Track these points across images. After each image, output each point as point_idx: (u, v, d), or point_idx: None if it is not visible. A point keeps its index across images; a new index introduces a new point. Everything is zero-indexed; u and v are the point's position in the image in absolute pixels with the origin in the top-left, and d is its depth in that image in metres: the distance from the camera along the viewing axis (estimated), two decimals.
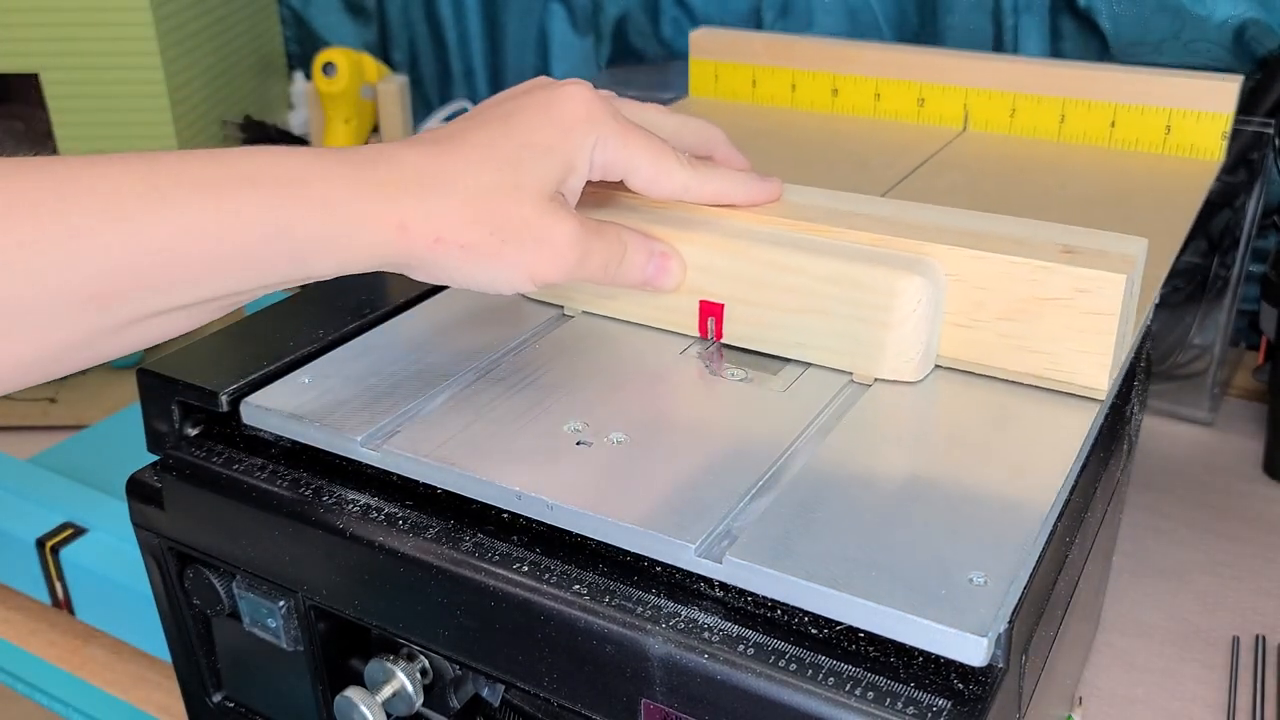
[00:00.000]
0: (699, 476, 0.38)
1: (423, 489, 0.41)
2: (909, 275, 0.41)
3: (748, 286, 0.45)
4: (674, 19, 1.03)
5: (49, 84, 1.02)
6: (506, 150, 0.40)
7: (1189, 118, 0.64)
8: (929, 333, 0.43)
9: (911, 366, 0.43)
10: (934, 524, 0.35)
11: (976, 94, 0.69)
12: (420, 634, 0.40)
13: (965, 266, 0.42)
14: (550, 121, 0.41)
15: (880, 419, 0.42)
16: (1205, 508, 0.71)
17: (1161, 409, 0.80)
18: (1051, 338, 0.41)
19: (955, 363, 0.44)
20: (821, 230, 0.45)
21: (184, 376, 0.45)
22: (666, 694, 0.34)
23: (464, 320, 0.50)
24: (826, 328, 0.43)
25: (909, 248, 0.43)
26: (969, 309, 0.43)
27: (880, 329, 0.42)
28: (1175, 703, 0.56)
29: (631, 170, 0.43)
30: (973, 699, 0.32)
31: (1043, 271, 0.41)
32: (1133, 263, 0.41)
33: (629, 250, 0.43)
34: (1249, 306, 0.83)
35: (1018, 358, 0.42)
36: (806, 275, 0.43)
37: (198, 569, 0.46)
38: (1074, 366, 0.41)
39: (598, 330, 0.48)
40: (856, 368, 0.44)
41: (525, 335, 0.48)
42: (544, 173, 0.40)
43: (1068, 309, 0.41)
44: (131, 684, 0.62)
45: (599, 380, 0.44)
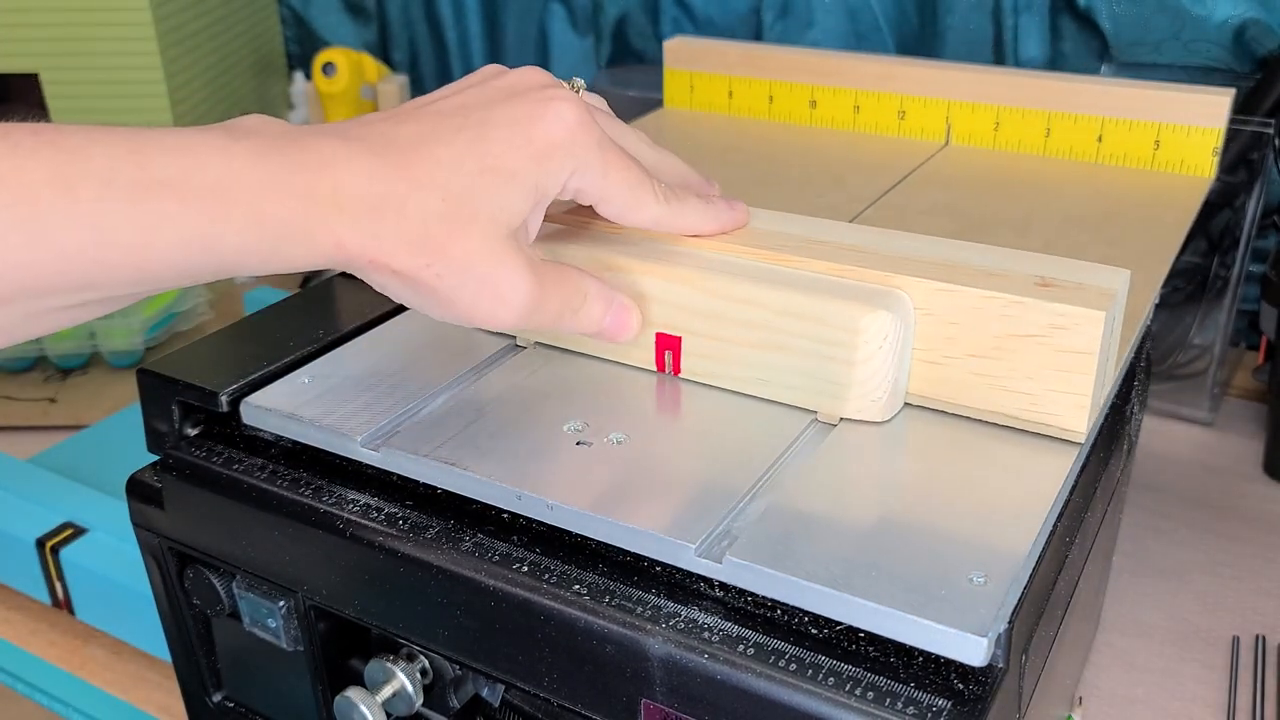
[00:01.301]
0: (699, 476, 0.38)
1: (423, 489, 0.41)
2: (874, 310, 0.39)
3: (705, 320, 0.42)
4: (674, 19, 1.03)
5: (49, 84, 1.02)
6: (467, 173, 0.36)
7: (1179, 132, 0.62)
8: (896, 370, 0.40)
9: (878, 406, 0.40)
10: (934, 524, 0.35)
11: (959, 107, 0.68)
12: (420, 634, 0.40)
13: (935, 300, 0.40)
14: (528, 142, 0.38)
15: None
16: (1205, 508, 0.71)
17: (1161, 409, 0.80)
18: (1027, 376, 0.39)
19: (926, 401, 0.42)
20: (784, 259, 0.42)
21: (184, 376, 0.45)
22: (666, 694, 0.34)
23: None
24: (787, 364, 0.41)
25: (876, 279, 0.41)
26: (940, 345, 0.40)
27: (844, 366, 0.40)
28: (1175, 703, 0.56)
29: (605, 200, 0.41)
30: (973, 699, 0.32)
31: (1017, 306, 0.38)
32: (1112, 297, 0.38)
33: (588, 299, 0.41)
34: (1249, 306, 0.83)
35: (991, 397, 0.40)
36: (766, 308, 0.41)
37: (198, 569, 0.46)
38: (1051, 407, 0.39)
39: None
40: (820, 406, 0.41)
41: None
42: (504, 203, 0.37)
43: (1044, 346, 0.38)
44: (131, 684, 0.62)
45: (599, 380, 0.44)
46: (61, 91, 1.02)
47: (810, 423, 0.41)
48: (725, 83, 0.75)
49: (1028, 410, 0.40)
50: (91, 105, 1.03)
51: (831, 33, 0.95)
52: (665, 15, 1.03)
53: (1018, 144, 0.66)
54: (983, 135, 0.67)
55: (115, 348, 0.93)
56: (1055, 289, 0.39)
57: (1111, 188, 0.61)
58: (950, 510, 0.36)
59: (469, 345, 0.47)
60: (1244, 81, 0.77)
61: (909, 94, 0.69)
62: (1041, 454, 0.39)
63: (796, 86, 0.72)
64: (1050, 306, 0.38)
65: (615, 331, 0.42)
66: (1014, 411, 0.40)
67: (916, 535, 0.35)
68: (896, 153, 0.67)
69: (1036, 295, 0.38)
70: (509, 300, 0.37)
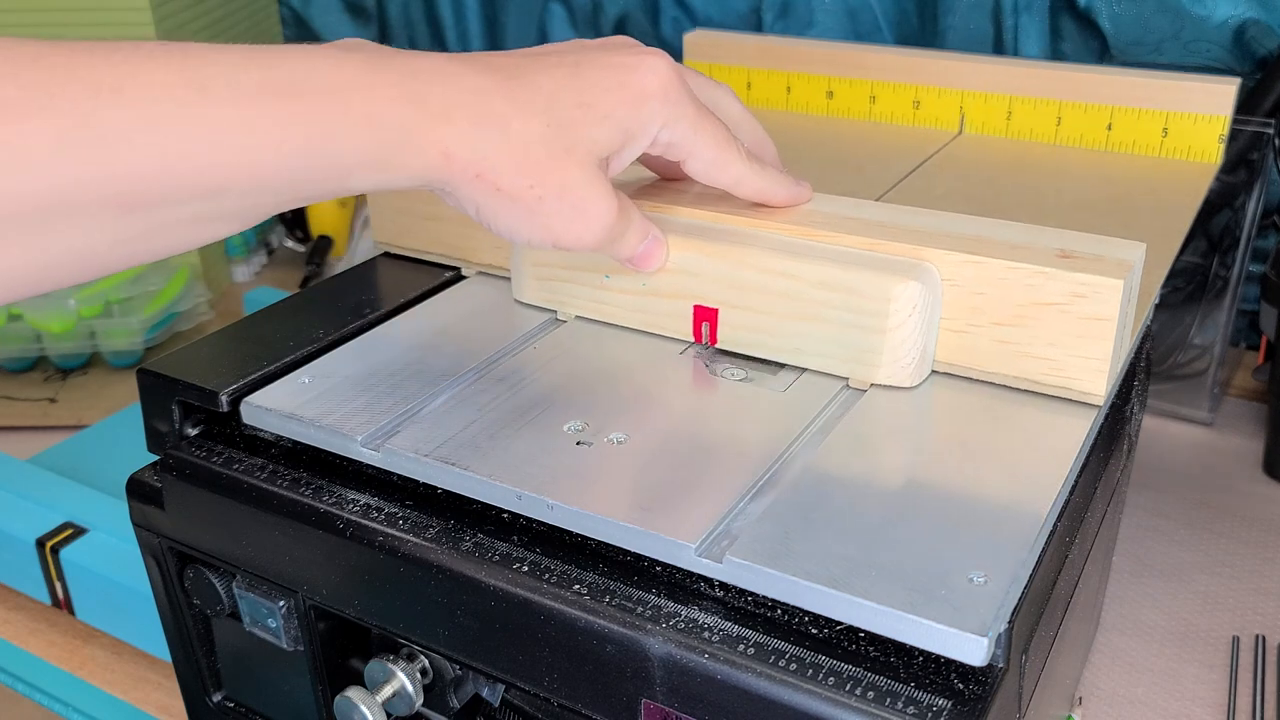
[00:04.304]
0: (699, 476, 0.38)
1: (423, 489, 0.41)
2: (904, 280, 0.41)
3: (742, 291, 0.44)
4: (674, 19, 1.03)
5: None
6: (566, 104, 0.38)
7: (1186, 120, 0.64)
8: (925, 338, 0.42)
9: (907, 372, 0.43)
10: (934, 524, 0.35)
11: (972, 96, 0.69)
12: (420, 634, 0.40)
13: (961, 271, 0.42)
14: (621, 86, 0.39)
15: (876, 424, 0.41)
16: (1205, 508, 0.71)
17: (1161, 409, 0.80)
18: (1049, 343, 0.41)
19: (952, 368, 0.44)
20: (817, 235, 0.44)
21: (184, 376, 0.45)
22: (666, 694, 0.34)
23: (464, 320, 0.50)
24: (821, 333, 0.43)
25: (905, 252, 0.43)
26: (965, 314, 0.42)
27: (875, 334, 0.42)
28: (1175, 703, 0.56)
29: (694, 155, 0.43)
30: (973, 699, 0.32)
31: (1040, 276, 0.40)
32: (1130, 267, 0.40)
33: (631, 227, 0.42)
34: (1249, 306, 0.83)
35: (1015, 363, 0.42)
36: (801, 280, 0.43)
37: (198, 569, 0.46)
38: (1072, 372, 0.41)
39: (597, 331, 0.48)
40: (852, 373, 0.43)
41: (525, 335, 0.48)
42: (597, 137, 0.39)
43: (1065, 314, 0.40)
44: (131, 684, 0.62)
45: (599, 380, 0.44)
46: None
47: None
48: (744, 74, 0.76)
49: (1049, 375, 0.42)
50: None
51: (831, 33, 0.95)
52: (665, 15, 1.03)
53: (1029, 133, 0.68)
54: (995, 124, 0.69)
55: (115, 348, 0.93)
56: (1076, 260, 0.41)
57: (1121, 174, 0.63)
58: (956, 502, 0.36)
59: (469, 345, 0.47)
60: (1244, 82, 0.77)
61: (923, 84, 0.70)
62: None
63: (813, 78, 0.74)
64: (1072, 276, 0.40)
65: (644, 260, 0.44)
66: (1036, 376, 0.42)
67: (918, 533, 0.35)
68: (912, 141, 0.69)
69: (1058, 265, 0.40)
70: (595, 224, 0.40)
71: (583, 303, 0.49)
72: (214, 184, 0.32)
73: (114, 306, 0.93)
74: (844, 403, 0.43)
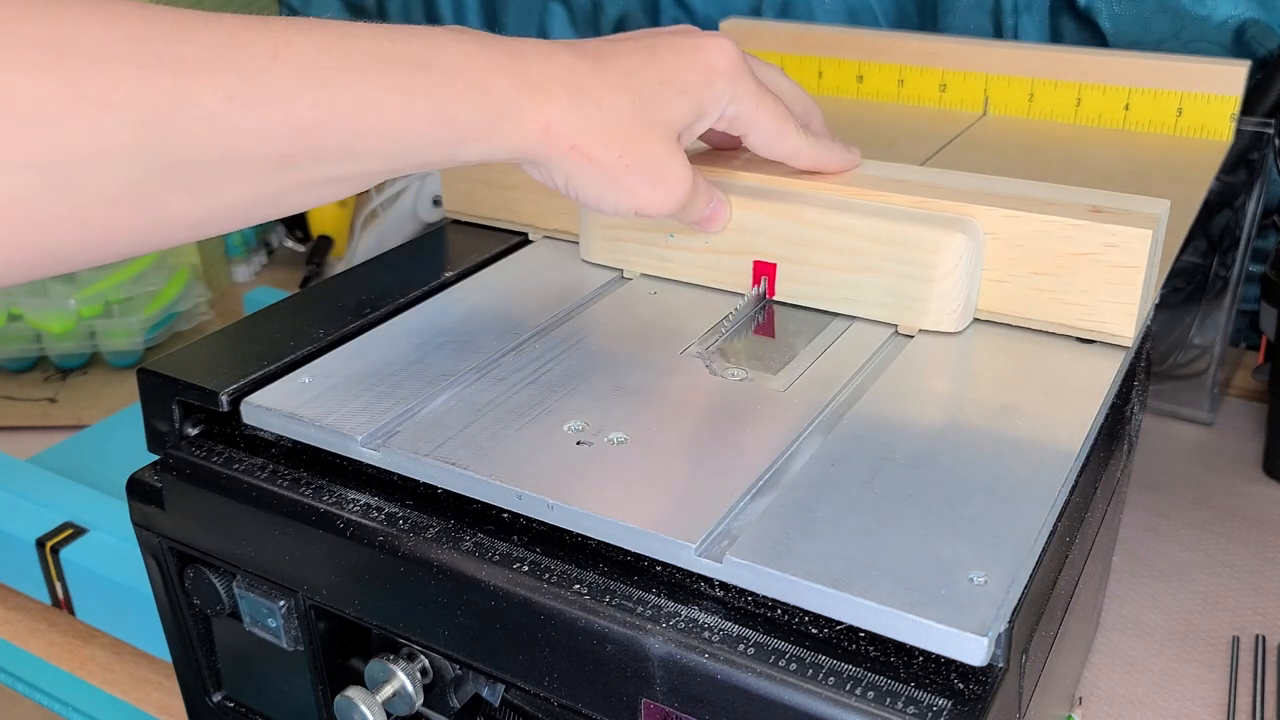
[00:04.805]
0: (699, 476, 0.38)
1: (423, 489, 0.41)
2: (951, 233, 0.45)
3: (800, 246, 0.48)
4: (674, 19, 1.03)
5: None
6: (648, 82, 0.42)
7: (1199, 100, 0.67)
8: (969, 286, 0.46)
9: (953, 318, 0.46)
10: (934, 523, 0.35)
11: (996, 80, 0.72)
12: (420, 634, 0.40)
13: (1002, 225, 0.45)
14: (694, 65, 0.43)
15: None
16: (1205, 508, 0.71)
17: (1161, 409, 0.80)
18: (1082, 290, 0.45)
19: (993, 315, 0.47)
20: (868, 194, 0.48)
21: (184, 376, 0.45)
22: (666, 694, 0.34)
23: (464, 320, 0.50)
24: (874, 284, 0.47)
25: (950, 209, 0.46)
26: (1005, 265, 0.46)
27: (924, 284, 0.46)
28: (1175, 703, 0.56)
29: (756, 129, 0.46)
30: (973, 699, 0.32)
31: (1074, 228, 0.44)
32: (1157, 220, 0.44)
33: (699, 192, 0.46)
34: (1249, 306, 0.83)
35: (1051, 309, 0.46)
36: (856, 235, 0.47)
37: (198, 569, 0.46)
38: (1103, 316, 0.45)
39: (599, 330, 0.48)
40: (901, 320, 0.47)
41: (525, 335, 0.48)
42: (676, 112, 0.42)
43: (1097, 263, 0.44)
44: (131, 684, 0.62)
45: (599, 380, 0.44)
46: None
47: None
48: (777, 60, 0.77)
49: (1082, 320, 0.45)
50: None
51: None
52: (665, 15, 1.03)
53: (1051, 113, 0.71)
54: (1018, 105, 0.72)
55: (115, 348, 0.93)
56: (1106, 214, 0.44)
57: (1138, 151, 0.65)
58: (957, 501, 0.36)
59: (469, 345, 0.47)
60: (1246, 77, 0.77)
61: (950, 69, 0.73)
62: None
63: (844, 63, 0.76)
64: (1104, 228, 0.44)
65: (710, 221, 0.48)
66: (1071, 320, 0.46)
67: (917, 532, 0.35)
68: (938, 122, 0.71)
69: (1091, 218, 0.44)
70: (675, 191, 0.43)
71: (648, 260, 0.52)
72: (356, 144, 0.36)
73: (114, 306, 0.93)
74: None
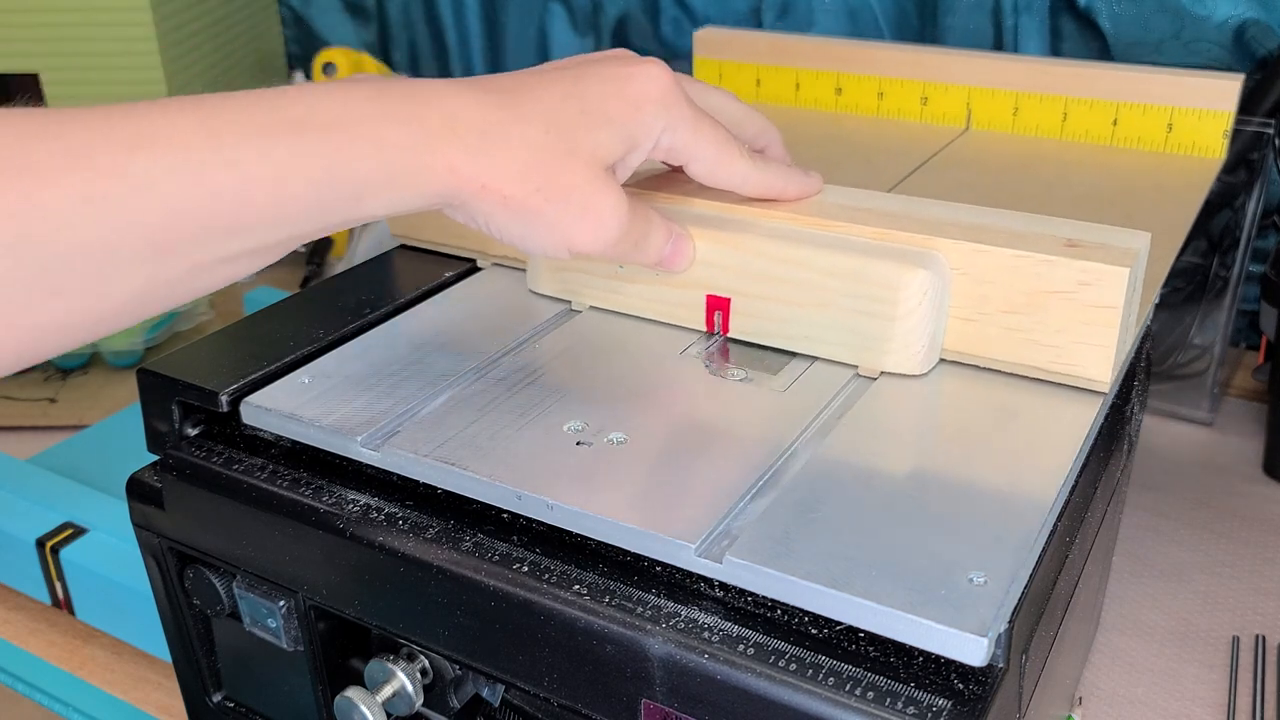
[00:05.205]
0: (699, 476, 0.38)
1: (423, 489, 0.41)
2: (914, 269, 0.42)
3: (754, 281, 0.45)
4: (674, 19, 1.03)
5: (49, 84, 1.02)
6: (566, 113, 0.39)
7: (1190, 116, 0.64)
8: (934, 326, 0.43)
9: (916, 360, 0.43)
10: (934, 524, 0.35)
11: (979, 93, 0.70)
12: (420, 634, 0.40)
13: (970, 260, 0.42)
14: (621, 94, 0.41)
15: (884, 413, 0.42)
16: (1205, 508, 0.71)
17: (1161, 409, 0.80)
18: (1055, 331, 0.42)
19: (960, 356, 0.44)
20: (827, 225, 0.45)
21: (184, 376, 0.45)
22: (666, 694, 0.34)
23: (464, 320, 0.50)
24: (832, 321, 0.44)
25: (914, 242, 0.43)
26: (974, 302, 0.43)
27: (885, 322, 0.43)
28: (1175, 703, 0.56)
29: (696, 157, 0.44)
30: (973, 699, 0.32)
31: (1046, 265, 0.41)
32: (1135, 256, 0.41)
33: (652, 227, 0.43)
34: (1249, 306, 0.83)
35: (1022, 351, 0.43)
36: (812, 269, 0.44)
37: (198, 569, 0.46)
38: (1078, 359, 0.42)
39: (598, 329, 0.48)
40: (862, 361, 0.44)
41: (525, 335, 0.48)
42: (600, 141, 0.40)
43: (1071, 302, 0.41)
44: (131, 684, 0.62)
45: (599, 380, 0.44)
46: (61, 92, 1.02)
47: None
48: (753, 71, 0.77)
49: (1056, 362, 0.42)
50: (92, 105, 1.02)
51: (831, 33, 0.95)
52: (665, 15, 1.03)
53: (1036, 128, 0.69)
54: (1002, 120, 0.69)
55: (115, 348, 0.93)
56: (1082, 248, 0.41)
57: (1127, 169, 0.63)
58: (957, 500, 0.36)
59: (469, 345, 0.47)
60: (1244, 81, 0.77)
61: (931, 81, 0.71)
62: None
63: (822, 74, 0.74)
64: (1078, 264, 0.40)
65: (673, 259, 0.45)
66: (1043, 364, 0.42)
67: (917, 532, 0.35)
68: (919, 137, 0.69)
69: (1065, 254, 0.41)
70: (608, 223, 0.40)
71: (596, 293, 0.49)
72: (241, 220, 0.34)
73: None
74: (853, 392, 0.43)
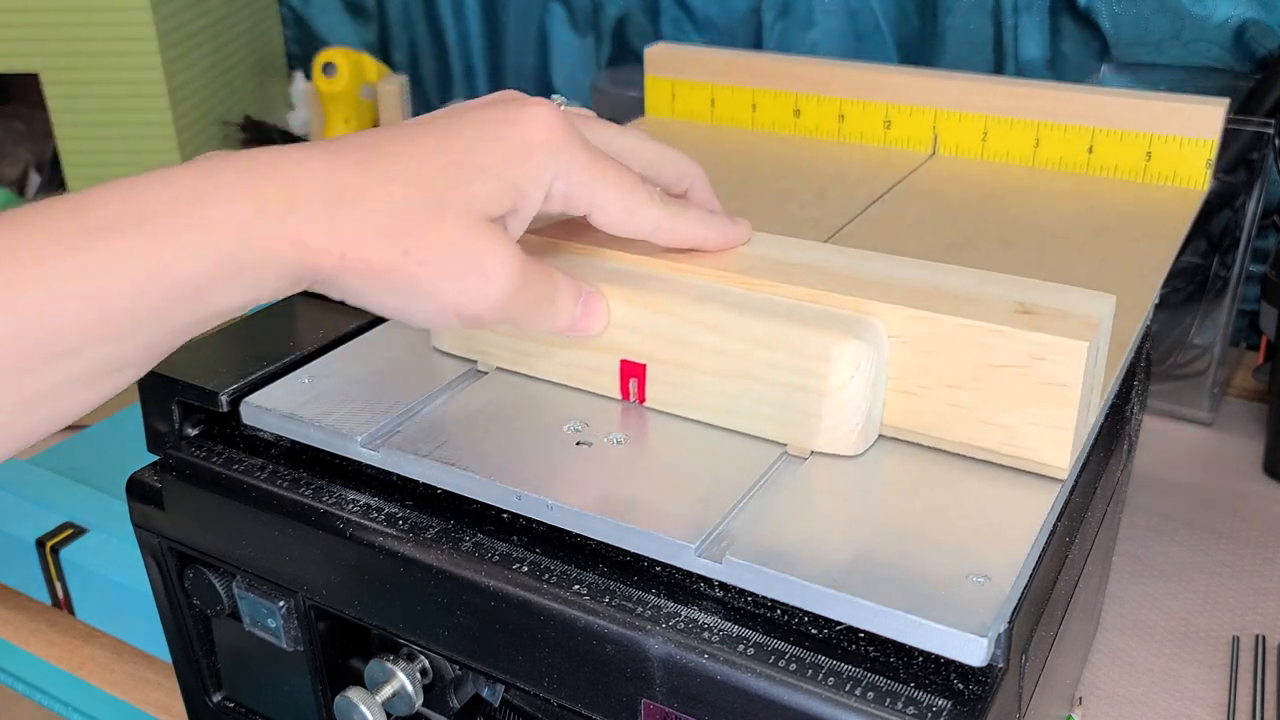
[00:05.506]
0: (699, 476, 0.38)
1: (423, 489, 0.41)
2: (845, 338, 0.37)
3: (670, 346, 0.40)
4: (674, 19, 1.03)
5: (49, 84, 1.02)
6: (432, 167, 0.35)
7: (1171, 144, 0.60)
8: (870, 401, 0.38)
9: (850, 439, 0.38)
10: (934, 524, 0.35)
11: (946, 116, 0.65)
12: (420, 634, 0.40)
13: (910, 327, 0.38)
14: (499, 141, 0.36)
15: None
16: (1205, 508, 0.71)
17: (1161, 409, 0.80)
18: (1005, 409, 0.37)
19: (901, 433, 0.39)
20: (753, 283, 0.40)
21: (184, 376, 0.45)
22: (666, 694, 0.34)
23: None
24: (756, 394, 0.39)
25: (849, 304, 0.39)
26: (915, 374, 0.38)
27: (815, 397, 0.38)
28: (1175, 703, 0.56)
29: (598, 206, 0.38)
30: (973, 699, 0.32)
31: (995, 335, 0.36)
32: (1096, 326, 0.36)
33: (559, 289, 0.38)
34: (1249, 306, 0.83)
35: (968, 430, 0.38)
36: (733, 335, 0.39)
37: (198, 569, 0.46)
38: (1031, 441, 0.37)
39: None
40: (790, 439, 0.39)
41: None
42: (476, 193, 0.35)
43: (1023, 377, 0.36)
44: (131, 684, 0.62)
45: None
46: (61, 91, 1.02)
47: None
48: (708, 90, 0.73)
49: (1007, 444, 0.37)
50: (91, 105, 1.03)
51: (832, 33, 0.95)
52: (665, 15, 1.03)
53: (1006, 154, 0.64)
54: (970, 145, 0.65)
55: None
56: (1036, 316, 0.37)
57: (1102, 201, 0.59)
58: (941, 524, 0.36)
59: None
60: (1244, 81, 0.77)
61: (895, 103, 0.67)
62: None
63: (780, 95, 0.70)
64: (1030, 336, 0.36)
65: (586, 321, 0.40)
66: (992, 445, 0.38)
67: (918, 532, 0.35)
68: (882, 163, 0.65)
69: (1015, 324, 0.36)
70: (496, 279, 0.35)
71: (503, 353, 0.44)
72: (63, 344, 0.30)
73: None
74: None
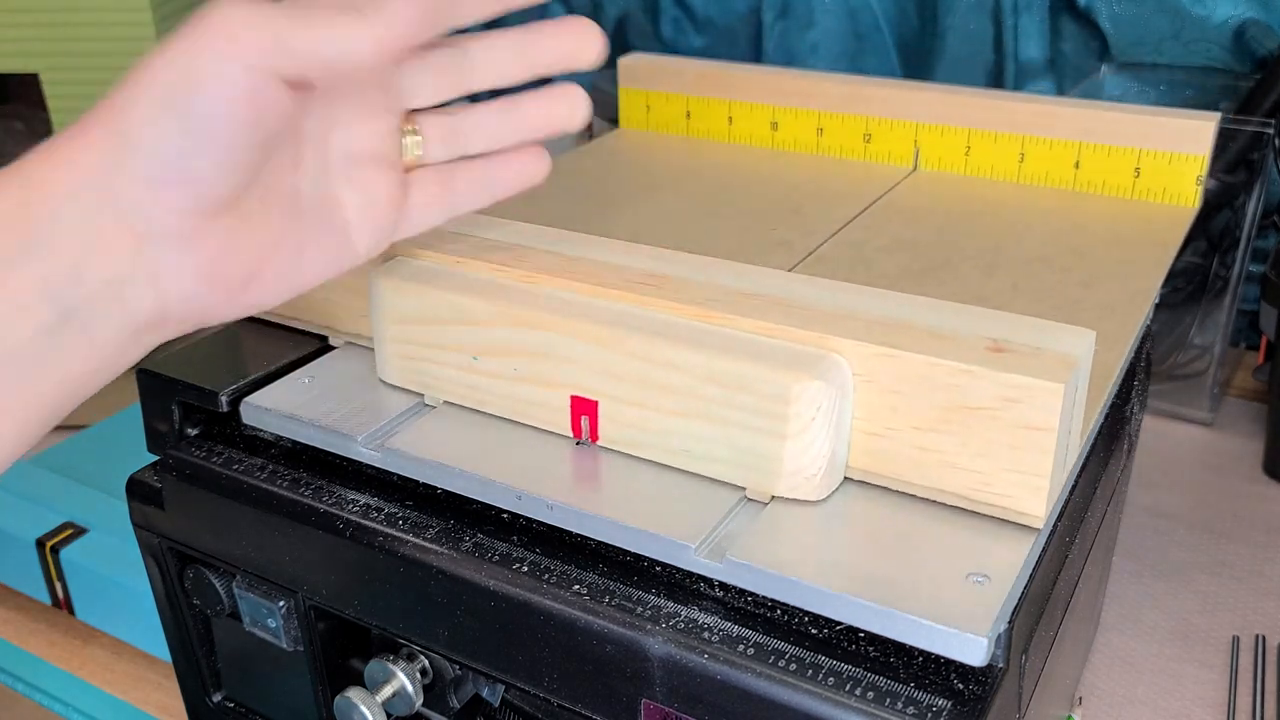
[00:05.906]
0: (699, 476, 0.38)
1: (423, 489, 0.41)
2: (806, 378, 0.35)
3: (624, 383, 0.38)
4: (674, 19, 1.03)
5: (49, 84, 1.02)
6: None
7: (1160, 159, 0.58)
8: (833, 443, 0.36)
9: (812, 483, 0.36)
10: (934, 524, 0.35)
11: (928, 130, 0.63)
12: (420, 634, 0.40)
13: (876, 365, 0.35)
14: None
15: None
16: (1205, 508, 0.71)
17: (1161, 409, 0.80)
18: (977, 453, 0.34)
19: (867, 476, 0.37)
20: (711, 316, 0.38)
21: (184, 376, 0.45)
22: (666, 694, 0.34)
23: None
24: (714, 435, 0.37)
25: (811, 340, 0.36)
26: (882, 415, 0.36)
27: (774, 439, 0.35)
28: (1175, 703, 0.56)
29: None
30: (973, 699, 0.32)
31: (965, 375, 0.34)
32: (1074, 365, 0.34)
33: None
34: (1249, 306, 0.83)
35: (939, 475, 0.35)
36: (688, 373, 0.37)
37: (198, 569, 0.46)
38: (1005, 488, 0.34)
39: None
40: (750, 482, 0.37)
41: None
42: None
43: (996, 420, 0.34)
44: (131, 684, 0.62)
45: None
46: (61, 91, 1.02)
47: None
48: (683, 102, 0.71)
49: (979, 490, 0.35)
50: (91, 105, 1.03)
51: (832, 33, 0.95)
52: (665, 15, 1.03)
53: (989, 170, 0.62)
54: (953, 160, 0.63)
55: None
56: (1009, 355, 0.34)
57: (1088, 218, 0.57)
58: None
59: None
60: (1244, 81, 0.77)
61: (875, 116, 0.65)
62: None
63: (757, 107, 0.68)
64: (1003, 377, 0.33)
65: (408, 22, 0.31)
66: (964, 491, 0.35)
67: (918, 532, 0.35)
68: (861, 179, 0.63)
69: (987, 363, 0.34)
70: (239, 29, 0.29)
71: (451, 387, 0.42)
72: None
73: None
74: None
